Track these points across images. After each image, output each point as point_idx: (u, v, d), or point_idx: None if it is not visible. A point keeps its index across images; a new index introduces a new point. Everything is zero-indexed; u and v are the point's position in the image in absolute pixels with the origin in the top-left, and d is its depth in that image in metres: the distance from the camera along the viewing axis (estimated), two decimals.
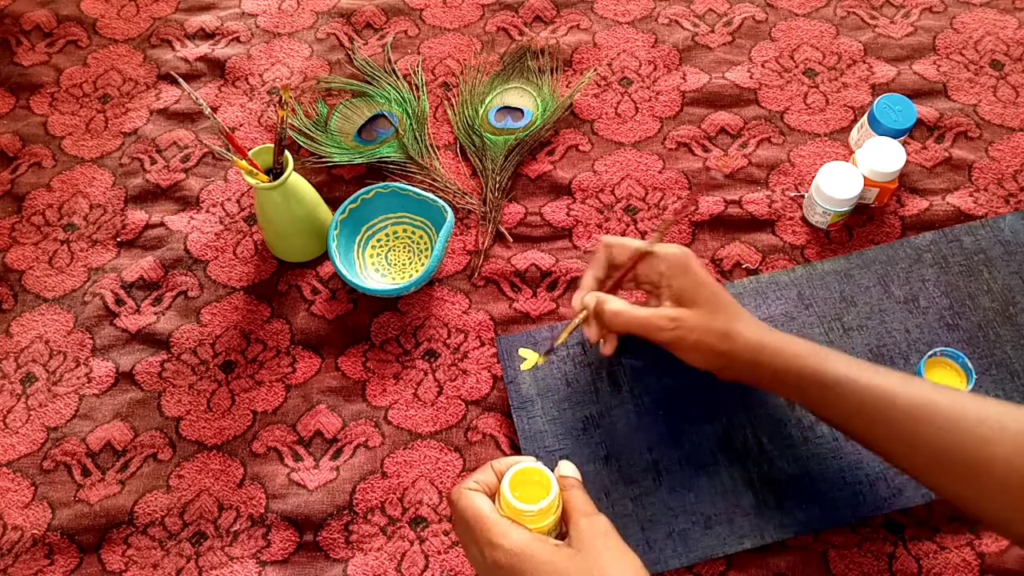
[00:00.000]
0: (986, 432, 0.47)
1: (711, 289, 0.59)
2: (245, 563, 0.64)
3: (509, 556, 0.46)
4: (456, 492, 0.51)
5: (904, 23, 0.89)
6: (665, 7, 0.92)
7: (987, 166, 0.79)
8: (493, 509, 0.50)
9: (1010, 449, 0.46)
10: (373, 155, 0.82)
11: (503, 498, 0.50)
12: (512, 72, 0.88)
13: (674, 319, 0.58)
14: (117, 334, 0.74)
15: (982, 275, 0.71)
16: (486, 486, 0.51)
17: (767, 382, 0.58)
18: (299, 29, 0.93)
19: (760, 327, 0.58)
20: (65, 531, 0.66)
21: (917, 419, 0.50)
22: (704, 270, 0.60)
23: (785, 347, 0.56)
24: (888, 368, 0.54)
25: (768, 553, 0.62)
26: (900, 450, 0.52)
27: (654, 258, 0.61)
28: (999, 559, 0.61)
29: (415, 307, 0.74)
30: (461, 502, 0.50)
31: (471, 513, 0.49)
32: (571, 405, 0.67)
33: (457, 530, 0.52)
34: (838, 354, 0.55)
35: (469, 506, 0.50)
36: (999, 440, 0.47)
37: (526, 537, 0.47)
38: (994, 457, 0.47)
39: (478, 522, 0.49)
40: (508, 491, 0.50)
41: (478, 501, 0.50)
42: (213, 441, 0.69)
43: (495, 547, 0.47)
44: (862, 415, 0.53)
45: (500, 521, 0.48)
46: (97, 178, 0.84)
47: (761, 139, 0.82)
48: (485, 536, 0.48)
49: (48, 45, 0.94)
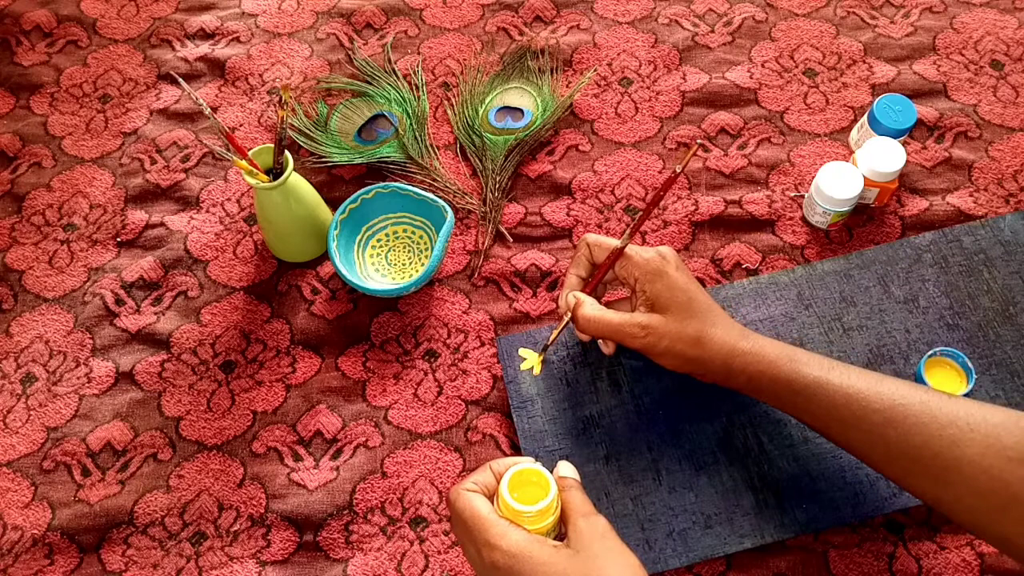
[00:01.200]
0: (955, 433, 0.48)
1: (686, 293, 0.58)
2: (245, 563, 0.64)
3: (507, 557, 0.47)
4: (454, 493, 0.51)
5: (904, 23, 0.89)
6: (665, 7, 0.92)
7: (987, 166, 0.79)
8: (491, 510, 0.50)
9: (978, 450, 0.47)
10: (373, 155, 0.82)
11: (501, 499, 0.50)
12: (512, 72, 0.88)
13: (645, 326, 0.58)
14: (117, 334, 0.74)
15: (982, 275, 0.71)
16: (484, 487, 0.52)
17: (742, 387, 0.58)
18: (299, 29, 0.93)
19: (734, 332, 0.57)
20: (65, 531, 0.66)
21: (888, 422, 0.50)
22: (681, 272, 0.60)
23: (758, 352, 0.56)
24: (862, 369, 0.54)
25: (768, 553, 0.62)
26: (875, 453, 0.52)
27: (629, 261, 0.60)
28: (999, 559, 0.61)
29: (415, 307, 0.74)
30: (459, 503, 0.50)
31: (469, 514, 0.49)
32: (571, 405, 0.67)
33: (455, 530, 0.52)
34: (811, 357, 0.55)
35: (467, 507, 0.50)
36: (967, 441, 0.47)
37: (524, 538, 0.47)
38: (962, 458, 0.47)
39: (476, 523, 0.49)
40: (507, 492, 0.50)
41: (476, 502, 0.50)
42: (213, 441, 0.69)
43: (493, 548, 0.47)
44: (836, 419, 0.53)
45: (498, 522, 0.48)
46: (97, 178, 0.84)
47: (761, 139, 0.82)
48: (483, 537, 0.48)
49: (48, 45, 0.94)
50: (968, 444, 0.47)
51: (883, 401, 0.51)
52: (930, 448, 0.48)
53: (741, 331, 0.58)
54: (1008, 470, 0.45)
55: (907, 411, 0.50)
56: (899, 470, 0.51)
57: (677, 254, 0.61)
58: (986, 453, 0.46)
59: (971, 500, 0.47)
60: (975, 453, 0.47)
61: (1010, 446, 0.46)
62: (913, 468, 0.50)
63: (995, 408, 0.49)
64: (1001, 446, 0.46)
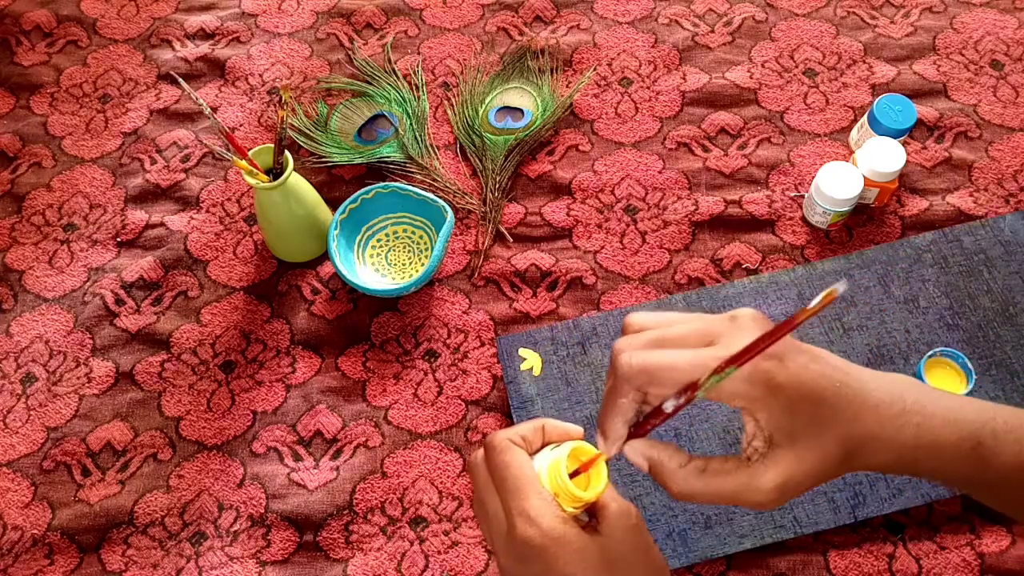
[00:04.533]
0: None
1: (811, 396, 0.39)
2: (245, 563, 0.64)
3: (545, 538, 0.41)
4: (502, 441, 0.43)
5: (904, 23, 0.89)
6: (665, 7, 0.92)
7: (987, 166, 0.79)
8: (536, 477, 0.43)
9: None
10: (373, 155, 0.82)
11: (558, 473, 0.43)
12: (512, 72, 0.88)
13: (778, 488, 0.39)
14: (117, 334, 0.74)
15: (982, 275, 0.71)
16: (529, 444, 0.45)
17: (916, 476, 0.44)
18: (299, 29, 0.93)
19: (886, 423, 0.40)
20: (65, 531, 0.66)
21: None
22: (797, 361, 0.39)
23: (929, 447, 0.40)
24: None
25: (768, 553, 0.62)
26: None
27: (717, 386, 0.38)
28: (999, 559, 0.61)
29: (415, 307, 0.74)
30: (506, 455, 0.42)
31: (514, 472, 0.42)
32: (571, 405, 0.67)
33: (478, 474, 0.44)
34: (1005, 430, 0.41)
35: (514, 463, 0.42)
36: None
37: (563, 521, 0.42)
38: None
39: (520, 486, 0.42)
40: (564, 469, 0.43)
41: (524, 462, 0.43)
42: (213, 441, 0.69)
43: (531, 522, 0.41)
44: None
45: (542, 494, 0.42)
46: (97, 178, 0.84)
47: (761, 139, 0.82)
48: (522, 505, 0.42)
49: (48, 45, 0.94)
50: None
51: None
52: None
53: (896, 415, 0.40)
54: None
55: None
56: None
57: (770, 322, 0.39)
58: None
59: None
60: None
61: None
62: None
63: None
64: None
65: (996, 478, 0.41)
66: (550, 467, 0.45)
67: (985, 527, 0.62)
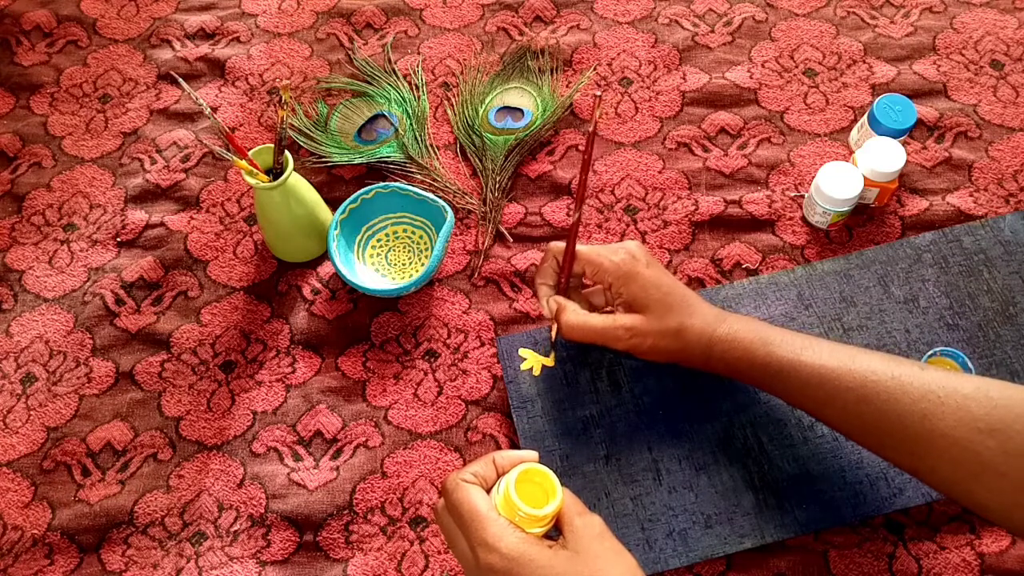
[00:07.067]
0: (926, 407, 0.49)
1: (660, 289, 0.59)
2: (245, 563, 0.64)
3: (505, 560, 0.45)
4: (452, 482, 0.49)
5: (904, 23, 0.89)
6: (665, 7, 0.92)
7: (987, 166, 0.79)
8: (491, 507, 0.48)
9: (949, 423, 0.48)
10: (373, 155, 0.82)
11: (508, 499, 0.48)
12: (512, 72, 0.88)
13: (629, 328, 0.59)
14: (117, 334, 0.74)
15: (982, 275, 0.71)
16: (483, 479, 0.50)
17: (723, 372, 0.59)
18: (299, 29, 0.93)
19: (710, 318, 0.59)
20: (65, 531, 0.66)
21: (861, 399, 0.51)
22: (652, 268, 0.60)
23: (733, 338, 0.57)
24: (837, 344, 0.55)
25: (768, 553, 0.62)
26: (851, 429, 0.53)
27: (600, 267, 0.61)
28: (999, 559, 0.61)
29: (415, 307, 0.74)
30: (457, 494, 0.48)
31: (467, 508, 0.47)
32: (571, 405, 0.67)
33: (443, 520, 0.50)
34: (785, 337, 0.56)
35: (465, 500, 0.48)
36: (939, 415, 0.48)
37: (522, 540, 0.46)
38: (934, 431, 0.48)
39: (474, 519, 0.47)
40: (515, 493, 0.47)
41: (475, 496, 0.48)
42: (213, 441, 0.69)
43: (491, 549, 0.46)
44: (810, 399, 0.54)
45: (497, 521, 0.47)
46: (97, 178, 0.84)
47: (761, 139, 0.82)
48: (480, 536, 0.46)
49: (48, 45, 0.94)
50: (939, 417, 0.48)
51: (855, 379, 0.52)
52: (903, 422, 0.49)
53: (717, 316, 0.59)
54: (978, 441, 0.47)
55: (879, 387, 0.51)
56: (875, 443, 0.52)
57: (644, 247, 0.62)
58: (957, 425, 0.47)
59: (946, 470, 0.49)
60: (946, 426, 0.48)
61: (979, 417, 0.47)
62: (888, 442, 0.51)
63: (966, 378, 0.50)
64: (971, 417, 0.47)
65: (775, 371, 0.55)
66: (501, 493, 0.47)
67: (985, 527, 0.62)
